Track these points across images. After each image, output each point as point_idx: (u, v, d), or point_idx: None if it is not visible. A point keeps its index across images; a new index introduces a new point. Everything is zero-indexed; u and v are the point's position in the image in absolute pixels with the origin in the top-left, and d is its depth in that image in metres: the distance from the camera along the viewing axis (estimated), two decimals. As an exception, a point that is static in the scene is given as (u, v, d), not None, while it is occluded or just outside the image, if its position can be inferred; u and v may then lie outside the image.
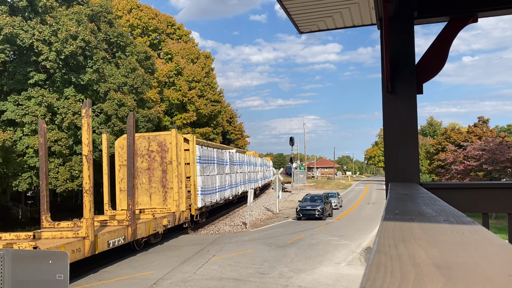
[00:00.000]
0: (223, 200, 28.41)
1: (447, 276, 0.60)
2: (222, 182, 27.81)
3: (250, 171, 39.75)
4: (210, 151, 25.51)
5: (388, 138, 3.36)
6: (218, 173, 26.74)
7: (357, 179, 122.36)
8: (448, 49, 3.38)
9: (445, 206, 1.48)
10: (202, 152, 23.67)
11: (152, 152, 22.33)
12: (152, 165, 22.22)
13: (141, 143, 22.26)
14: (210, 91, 48.74)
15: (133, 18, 45.87)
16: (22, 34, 25.58)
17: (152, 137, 22.55)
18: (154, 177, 22.15)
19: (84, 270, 13.87)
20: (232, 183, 30.83)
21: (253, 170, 42.01)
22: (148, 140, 22.49)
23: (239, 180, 33.43)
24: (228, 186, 29.34)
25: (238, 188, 33.06)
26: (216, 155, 26.48)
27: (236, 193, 32.65)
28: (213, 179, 25.50)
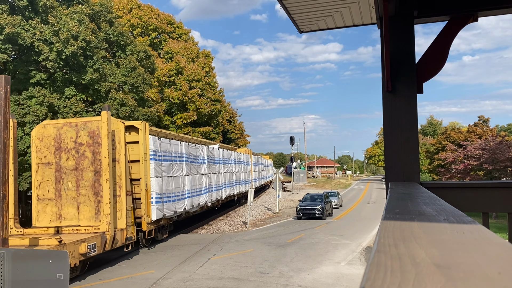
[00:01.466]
0: (197, 207, 22.79)
1: (447, 275, 0.60)
2: (196, 185, 22.38)
3: (240, 170, 34.53)
4: (174, 144, 20.00)
5: (388, 137, 3.36)
6: (189, 173, 21.39)
7: (357, 178, 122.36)
8: (448, 48, 3.38)
9: (445, 206, 1.48)
10: (160, 145, 18.29)
11: (81, 145, 15.95)
12: (81, 163, 15.84)
13: (66, 133, 16.21)
14: (211, 91, 48.75)
15: (134, 18, 45.87)
16: (23, 34, 25.58)
17: (82, 125, 16.08)
18: (83, 181, 15.70)
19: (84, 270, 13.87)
20: (212, 186, 25.47)
21: (244, 169, 36.65)
22: (76, 128, 16.12)
23: (222, 181, 28.13)
24: (205, 189, 23.85)
25: (221, 191, 27.72)
26: (186, 151, 21.09)
27: (219, 197, 27.20)
28: (180, 181, 20.21)
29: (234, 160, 32.05)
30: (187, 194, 20.93)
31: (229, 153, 30.92)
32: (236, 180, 32.70)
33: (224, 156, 28.99)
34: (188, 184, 21.16)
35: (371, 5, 4.10)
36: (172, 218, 19.76)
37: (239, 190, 33.63)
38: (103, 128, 14.89)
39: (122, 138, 16.08)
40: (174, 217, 20.06)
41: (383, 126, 3.42)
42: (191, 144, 23.09)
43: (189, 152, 21.76)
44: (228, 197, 30.04)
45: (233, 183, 31.33)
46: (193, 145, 22.98)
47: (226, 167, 29.25)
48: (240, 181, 34.44)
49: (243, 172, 36.04)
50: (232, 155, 31.74)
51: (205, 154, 24.41)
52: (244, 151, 39.98)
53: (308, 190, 51.54)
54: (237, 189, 32.85)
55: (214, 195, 25.78)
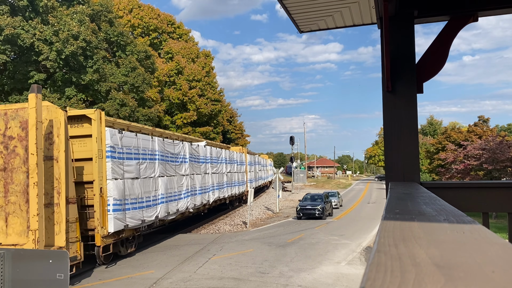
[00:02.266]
0: (175, 214, 19.56)
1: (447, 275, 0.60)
2: (173, 188, 19.19)
3: (233, 171, 31.20)
4: (143, 140, 16.68)
5: (388, 137, 3.36)
6: (165, 174, 18.30)
7: (357, 178, 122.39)
8: (449, 48, 3.38)
9: (445, 206, 1.48)
10: (121, 140, 15.00)
11: (11, 139, 12.41)
12: (11, 162, 12.34)
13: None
14: (211, 91, 48.77)
15: (134, 18, 45.89)
16: (23, 34, 25.59)
17: (12, 113, 12.50)
18: (13, 185, 12.21)
19: (84, 269, 13.87)
20: (196, 188, 22.33)
21: (238, 170, 33.22)
22: (5, 118, 12.49)
23: (210, 183, 24.89)
24: (186, 193, 20.67)
25: (208, 194, 24.39)
26: (160, 148, 17.95)
27: (205, 201, 23.84)
28: (151, 184, 17.03)
29: (225, 159, 28.87)
30: (160, 199, 17.62)
31: (219, 152, 27.69)
32: (228, 182, 29.54)
33: (213, 154, 25.94)
34: (163, 187, 17.92)
35: (371, 5, 4.10)
36: (139, 228, 16.46)
37: (231, 192, 30.54)
38: (31, 116, 11.40)
39: (62, 130, 12.50)
40: (142, 227, 16.75)
41: (383, 126, 3.42)
42: (168, 140, 19.48)
43: (165, 150, 18.58)
44: (217, 200, 26.90)
45: (223, 185, 28.14)
46: (170, 141, 19.43)
47: (214, 167, 26.12)
48: (233, 183, 31.20)
49: (236, 172, 32.57)
50: (223, 153, 28.54)
51: (186, 152, 21.16)
52: (238, 149, 36.97)
53: (308, 190, 51.55)
54: (228, 191, 29.63)
55: (198, 199, 22.46)
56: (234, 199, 32.72)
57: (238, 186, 32.86)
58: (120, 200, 14.59)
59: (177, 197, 19.60)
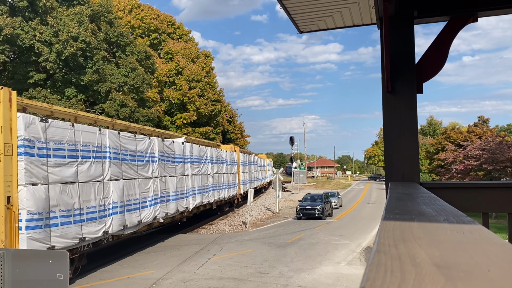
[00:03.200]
0: (136, 226, 15.79)
1: (447, 275, 0.60)
2: (134, 194, 15.56)
3: (221, 172, 27.80)
4: (85, 132, 13.16)
5: (388, 137, 3.36)
6: (119, 177, 14.69)
7: (357, 178, 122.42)
8: (448, 48, 3.38)
9: (445, 206, 1.48)
10: (46, 131, 11.52)
11: None
12: None
13: None
14: (210, 91, 48.78)
15: (134, 19, 45.89)
16: (22, 35, 25.59)
17: None
18: None
19: (85, 269, 13.87)
20: (170, 193, 18.84)
21: (228, 170, 29.80)
22: None
23: (190, 186, 21.41)
24: (154, 199, 17.07)
25: (187, 200, 20.95)
26: (113, 143, 14.34)
27: (183, 208, 20.38)
28: (96, 190, 13.33)
29: (210, 159, 25.29)
30: (112, 208, 14.02)
31: (202, 150, 24.25)
32: (215, 184, 26.20)
33: (194, 153, 22.49)
34: (117, 193, 14.27)
35: (371, 5, 4.11)
36: (78, 248, 12.45)
37: (219, 196, 27.00)
38: None
39: None
40: (82, 247, 12.69)
41: (383, 126, 3.42)
42: (126, 134, 15.72)
43: (121, 146, 14.91)
44: (200, 206, 23.40)
45: (208, 188, 24.74)
46: (129, 136, 15.70)
47: (196, 167, 22.79)
48: (221, 185, 27.83)
49: (226, 173, 29.20)
50: (208, 152, 25.08)
51: (155, 149, 17.51)
52: (229, 147, 33.64)
53: (308, 190, 51.55)
54: (215, 196, 26.15)
55: (172, 206, 18.98)
56: (223, 203, 29.18)
57: (227, 189, 29.27)
58: (39, 214, 10.87)
59: (139, 205, 15.89)
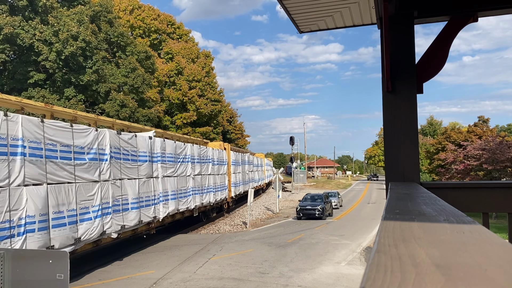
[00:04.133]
0: (69, 247, 11.86)
1: (447, 275, 0.60)
2: (68, 204, 12.08)
3: (205, 172, 24.11)
4: None
5: (388, 137, 3.36)
6: (43, 180, 11.30)
7: (357, 178, 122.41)
8: (448, 48, 3.38)
9: (445, 206, 1.48)
10: None
11: None
12: None
13: None
14: (210, 91, 48.78)
15: (134, 19, 45.89)
16: (22, 34, 25.59)
17: None
18: None
19: (85, 269, 13.88)
20: (128, 201, 15.32)
21: (215, 171, 26.23)
22: None
23: (160, 191, 18.02)
24: (100, 209, 13.40)
25: (152, 208, 17.23)
26: (29, 134, 10.93)
27: (148, 218, 16.76)
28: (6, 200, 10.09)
29: (191, 157, 21.68)
30: (26, 225, 10.50)
31: (180, 147, 20.54)
32: (197, 187, 22.57)
33: (167, 150, 18.88)
34: (35, 203, 10.79)
35: (371, 5, 4.11)
36: None
37: (202, 201, 23.46)
38: None
39: None
40: None
41: (383, 126, 3.42)
42: (54, 122, 12.02)
43: (46, 138, 11.47)
44: (176, 213, 19.94)
45: (187, 192, 21.13)
46: (60, 125, 12.14)
47: (170, 167, 19.21)
48: (206, 188, 24.12)
49: (213, 174, 25.62)
50: (188, 149, 21.35)
51: (105, 144, 13.97)
52: (217, 145, 29.71)
53: (308, 190, 51.55)
54: (197, 200, 22.61)
55: (132, 216, 15.45)
56: (208, 209, 25.79)
57: (214, 192, 25.68)
58: None
59: (77, 217, 12.36)
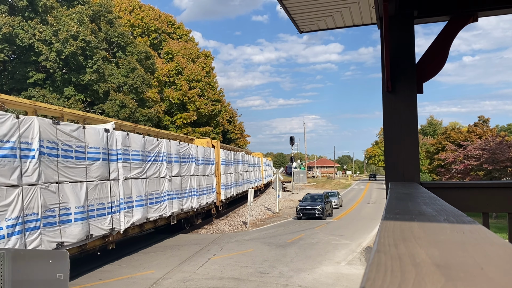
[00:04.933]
0: None
1: (447, 275, 0.60)
2: None
3: (186, 173, 20.92)
4: None
5: (388, 137, 3.36)
6: None
7: (357, 178, 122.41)
8: (448, 48, 3.38)
9: (445, 206, 1.48)
10: None
11: None
12: None
13: None
14: (211, 91, 48.78)
15: (134, 18, 45.89)
16: (21, 34, 25.58)
17: None
18: None
19: (85, 269, 13.88)
20: (71, 211, 12.11)
21: (198, 171, 22.64)
22: None
23: (119, 197, 14.81)
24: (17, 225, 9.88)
25: (108, 219, 14.02)
26: None
27: (102, 231, 13.62)
28: None
29: (166, 156, 18.53)
30: None
31: (150, 143, 17.29)
32: (175, 190, 19.42)
33: (132, 146, 15.72)
34: None
35: (371, 5, 4.10)
36: None
37: (182, 206, 20.28)
38: None
39: None
40: None
41: (383, 126, 3.42)
42: None
43: None
44: (146, 223, 16.89)
45: (161, 197, 18.05)
46: None
47: (136, 167, 16.02)
48: (187, 191, 20.99)
49: (197, 175, 22.42)
50: (162, 146, 18.16)
51: (33, 137, 10.77)
52: (205, 142, 26.11)
53: (308, 190, 51.55)
54: (175, 206, 19.40)
55: (76, 230, 12.15)
56: (191, 215, 22.56)
57: (198, 196, 22.52)
58: None
59: None
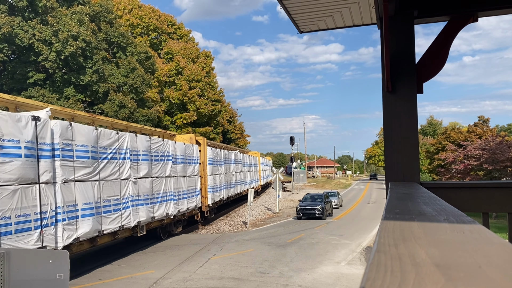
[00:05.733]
0: None
1: (447, 275, 0.60)
2: None
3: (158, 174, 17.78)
4: None
5: (388, 137, 3.36)
6: None
7: (357, 178, 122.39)
8: (449, 48, 3.38)
9: (445, 206, 1.48)
10: None
11: None
12: None
13: None
14: (211, 91, 48.77)
15: (134, 18, 45.88)
16: (21, 34, 25.57)
17: None
18: None
19: (84, 269, 13.88)
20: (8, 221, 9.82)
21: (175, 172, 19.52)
22: None
23: (49, 207, 11.32)
24: None
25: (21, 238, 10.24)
26: None
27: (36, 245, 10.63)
28: None
29: (129, 153, 15.41)
30: None
31: (106, 136, 14.20)
32: (142, 195, 16.21)
33: (76, 140, 12.70)
34: None
35: (371, 5, 4.10)
36: None
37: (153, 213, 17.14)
38: None
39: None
40: None
41: (383, 126, 3.42)
42: None
43: None
44: (100, 236, 13.78)
45: (122, 203, 14.97)
46: None
47: (84, 167, 12.96)
48: (161, 195, 17.77)
49: (175, 176, 19.30)
50: (125, 141, 15.28)
51: None
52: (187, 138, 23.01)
53: (308, 190, 51.54)
54: (142, 214, 16.19)
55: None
56: (167, 223, 19.40)
57: (176, 200, 19.36)
58: None
59: None
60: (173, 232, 20.66)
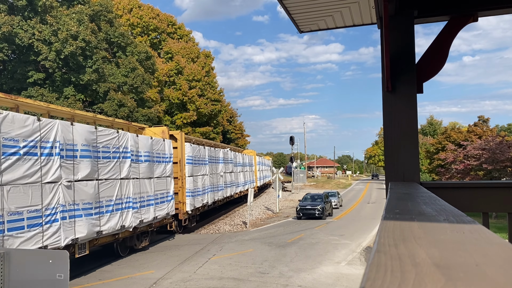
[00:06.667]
0: None
1: (447, 275, 0.60)
2: None
3: (107, 175, 14.01)
4: None
5: (388, 137, 3.36)
6: None
7: (357, 178, 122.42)
8: (448, 48, 3.38)
9: (445, 206, 1.48)
10: None
11: None
12: None
13: None
14: (211, 91, 48.77)
15: (134, 17, 45.88)
16: (21, 34, 25.56)
17: None
18: None
19: (84, 269, 13.89)
20: None
21: (135, 173, 15.84)
22: None
23: None
24: None
25: None
26: None
27: None
28: None
29: (59, 148, 11.61)
30: None
31: (16, 125, 10.23)
32: (83, 204, 12.54)
33: None
34: None
35: (371, 5, 4.10)
36: None
37: (100, 227, 13.39)
38: None
39: None
40: None
41: (383, 126, 3.42)
42: None
43: None
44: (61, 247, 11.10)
45: (48, 215, 11.11)
46: None
47: None
48: (113, 203, 14.22)
49: (136, 178, 15.85)
50: (53, 132, 11.48)
51: None
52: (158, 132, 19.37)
53: (308, 190, 51.54)
54: (83, 228, 12.44)
55: None
56: (126, 237, 15.96)
57: (138, 208, 15.91)
58: None
59: None
60: (136, 247, 16.94)
